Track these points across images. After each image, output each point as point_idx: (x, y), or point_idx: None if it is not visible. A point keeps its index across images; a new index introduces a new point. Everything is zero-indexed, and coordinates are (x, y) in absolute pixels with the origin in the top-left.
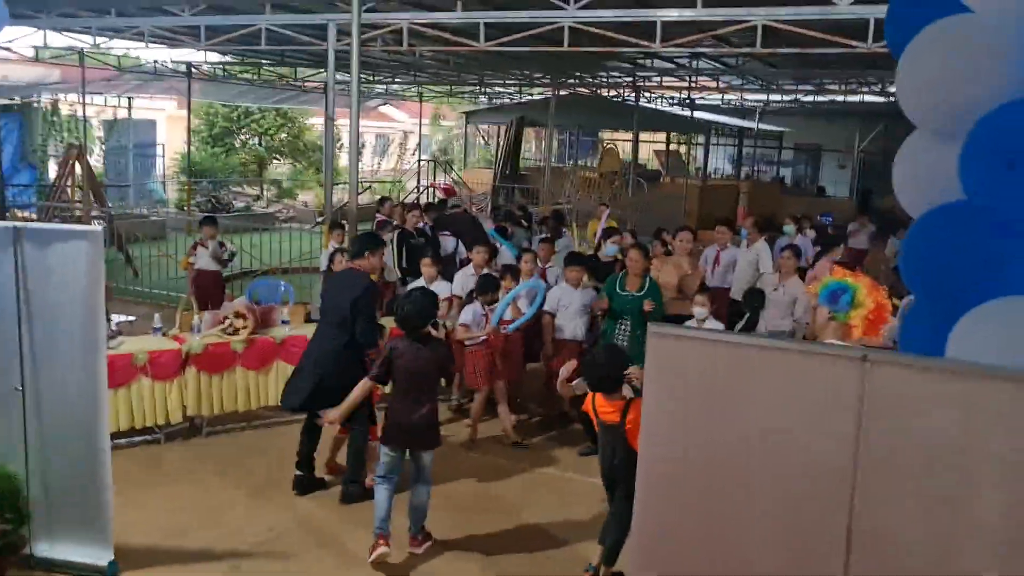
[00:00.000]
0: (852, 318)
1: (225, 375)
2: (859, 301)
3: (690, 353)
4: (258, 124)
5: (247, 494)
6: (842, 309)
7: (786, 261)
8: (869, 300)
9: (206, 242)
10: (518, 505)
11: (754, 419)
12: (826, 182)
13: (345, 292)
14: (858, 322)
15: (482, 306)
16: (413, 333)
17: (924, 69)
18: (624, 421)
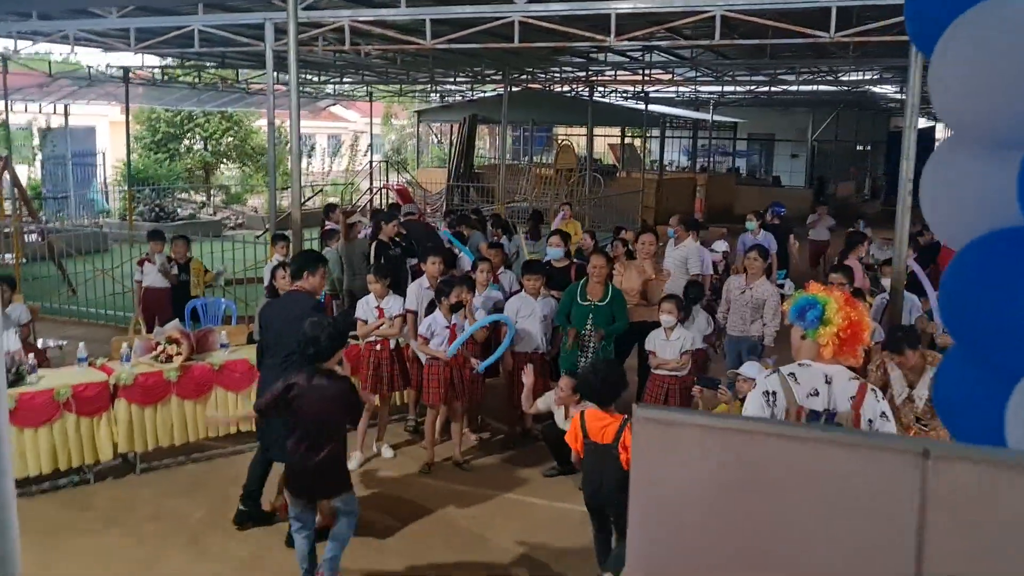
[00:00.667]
0: (820, 336)
1: (159, 407)
2: (828, 318)
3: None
4: (203, 128)
5: (184, 541)
6: (810, 326)
7: (752, 262)
8: (839, 317)
9: (152, 257)
10: (478, 535)
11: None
12: (780, 172)
13: (291, 321)
14: (827, 340)
15: (444, 316)
16: (317, 366)
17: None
18: (618, 442)
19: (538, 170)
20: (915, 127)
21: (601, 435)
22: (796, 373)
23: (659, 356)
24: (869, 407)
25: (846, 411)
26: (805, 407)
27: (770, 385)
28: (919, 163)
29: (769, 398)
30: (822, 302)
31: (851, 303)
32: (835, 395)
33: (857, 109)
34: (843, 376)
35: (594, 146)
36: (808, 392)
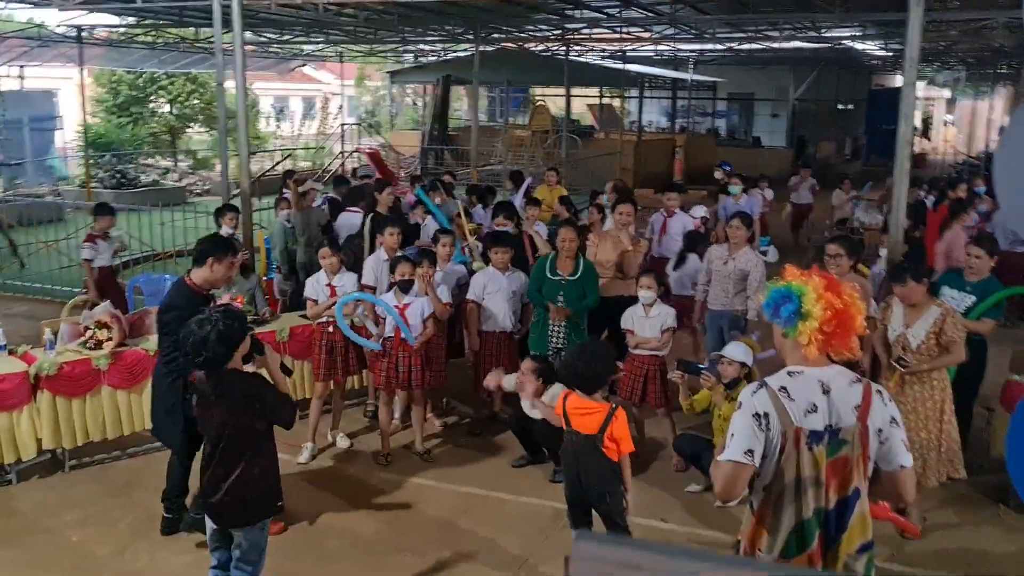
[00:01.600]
0: (800, 334)
1: (88, 398)
2: (806, 311)
3: None
4: (167, 91)
5: (114, 549)
6: (787, 324)
7: (735, 231)
8: (819, 308)
9: (106, 234)
10: (438, 540)
11: None
12: (760, 132)
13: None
14: (808, 338)
15: (395, 295)
16: (214, 369)
17: None
18: (603, 434)
19: (513, 132)
20: (914, 83)
21: (584, 425)
22: (788, 387)
23: (637, 335)
24: (877, 414)
25: (851, 425)
26: (804, 428)
27: (759, 405)
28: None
29: (761, 421)
30: (797, 292)
31: (834, 288)
32: (836, 406)
33: (838, 67)
34: (843, 380)
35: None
36: (805, 409)
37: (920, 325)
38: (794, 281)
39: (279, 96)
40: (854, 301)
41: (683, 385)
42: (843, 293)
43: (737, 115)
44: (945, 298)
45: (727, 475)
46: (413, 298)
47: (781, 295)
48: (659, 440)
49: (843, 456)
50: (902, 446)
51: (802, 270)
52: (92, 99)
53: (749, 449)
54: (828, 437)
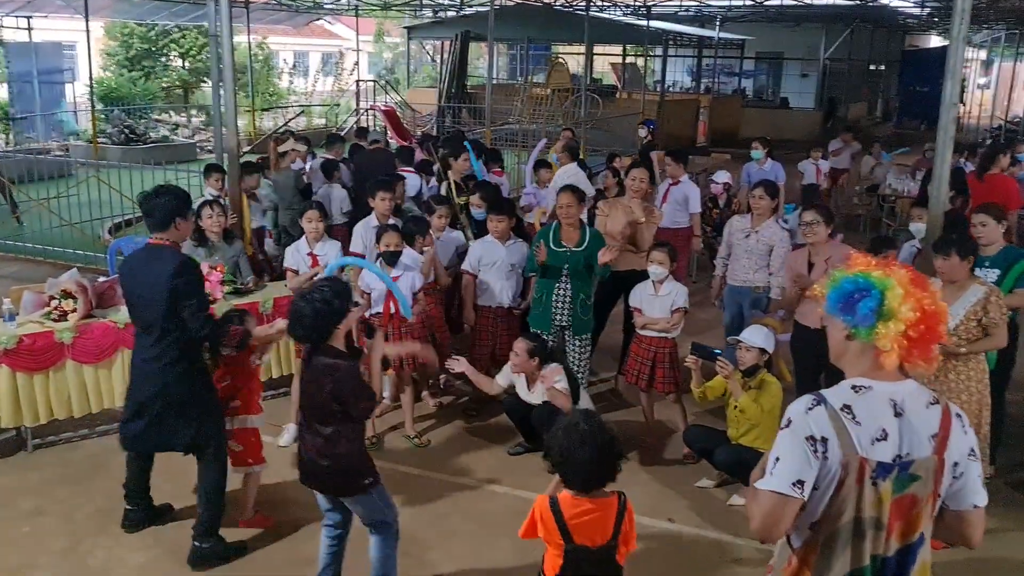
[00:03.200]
0: (880, 338)
1: (51, 373)
2: (889, 309)
3: None
4: (178, 44)
5: (67, 543)
6: (863, 323)
7: (759, 201)
8: (906, 307)
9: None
10: (422, 540)
11: None
12: (789, 93)
13: (154, 282)
14: (891, 343)
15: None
16: (314, 343)
17: None
18: (617, 538)
19: (533, 90)
20: (962, 37)
21: (592, 535)
22: (853, 406)
23: (646, 314)
24: (956, 446)
25: (926, 457)
26: (871, 459)
27: (816, 427)
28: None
29: (816, 447)
30: (879, 286)
31: (920, 283)
32: (910, 433)
33: (871, 26)
34: (919, 400)
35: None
36: (874, 436)
37: (960, 304)
38: (873, 272)
39: (298, 51)
40: (940, 306)
41: (696, 371)
42: (928, 289)
43: (765, 75)
44: None
45: (769, 510)
46: (401, 271)
47: (857, 286)
48: (668, 427)
49: (911, 495)
50: (978, 483)
51: (877, 258)
52: (103, 52)
53: (799, 480)
54: (898, 471)
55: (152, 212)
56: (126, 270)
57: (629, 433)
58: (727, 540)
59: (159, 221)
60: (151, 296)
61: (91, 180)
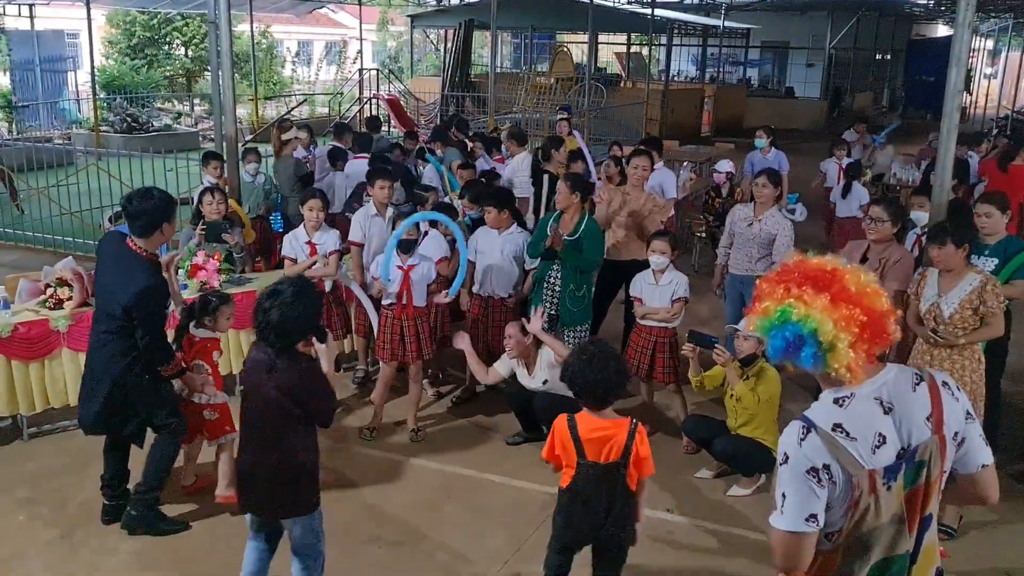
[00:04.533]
0: (836, 371)
1: (47, 362)
2: (829, 342)
3: None
4: (181, 33)
5: (55, 536)
6: (814, 366)
7: (761, 190)
8: (843, 333)
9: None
10: (417, 529)
11: None
12: (795, 82)
13: (118, 286)
14: (846, 370)
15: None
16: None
17: None
18: (628, 458)
19: (536, 79)
20: (968, 24)
21: (605, 451)
22: (844, 423)
23: (646, 304)
24: (951, 416)
25: (927, 439)
26: (878, 468)
27: (813, 458)
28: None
29: (820, 477)
30: (807, 329)
31: (842, 296)
32: (905, 423)
33: (878, 15)
34: (904, 385)
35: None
36: (873, 444)
37: (955, 293)
38: (792, 309)
39: (301, 40)
40: (867, 289)
41: (694, 359)
42: (851, 289)
43: (770, 64)
44: None
45: (788, 548)
46: (417, 260)
47: (786, 340)
48: (668, 418)
49: (922, 484)
50: (981, 442)
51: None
52: (106, 40)
53: (811, 514)
54: (904, 465)
55: (138, 217)
56: (101, 253)
57: None
58: (725, 531)
59: (144, 228)
60: (111, 296)
61: (92, 169)
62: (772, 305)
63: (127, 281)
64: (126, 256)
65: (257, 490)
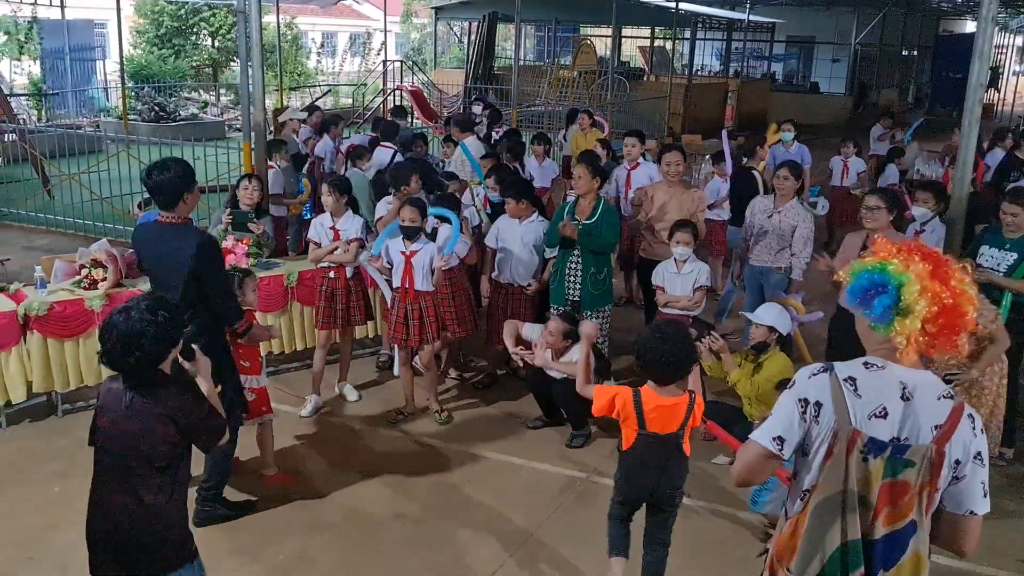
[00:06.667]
0: (896, 334)
1: (81, 340)
2: (906, 305)
3: None
4: (208, 23)
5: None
6: (880, 320)
7: (783, 181)
8: (924, 302)
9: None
10: (439, 508)
11: None
12: (820, 77)
13: (172, 258)
14: (907, 339)
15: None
16: (131, 375)
17: None
18: (685, 427)
19: (559, 72)
20: (992, 17)
21: (663, 423)
22: (858, 379)
23: (668, 292)
24: (960, 443)
25: (924, 445)
26: (863, 432)
27: (813, 391)
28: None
29: (807, 410)
30: (895, 281)
31: (942, 274)
32: (913, 419)
33: (904, 10)
34: (931, 391)
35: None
36: (873, 411)
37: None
38: (891, 264)
39: (326, 31)
40: (966, 290)
41: (702, 345)
42: (952, 279)
43: (795, 59)
44: (984, 257)
45: (748, 459)
46: (421, 245)
47: (873, 282)
48: None
49: (904, 481)
50: (980, 489)
51: (897, 245)
52: (134, 30)
53: (779, 436)
54: (891, 452)
55: (159, 189)
56: (140, 244)
57: None
58: (742, 516)
59: (168, 199)
60: (168, 274)
61: (121, 155)
62: (876, 258)
63: (180, 247)
64: (166, 231)
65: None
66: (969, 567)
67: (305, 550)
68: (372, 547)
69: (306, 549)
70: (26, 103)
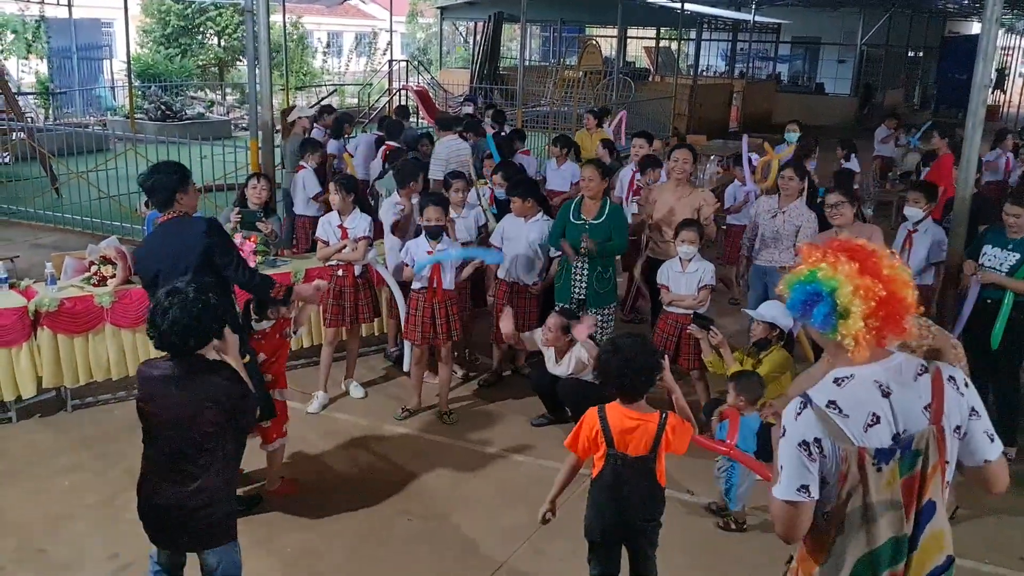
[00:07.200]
0: (844, 338)
1: (90, 336)
2: (844, 306)
3: None
4: (215, 22)
5: (99, 499)
6: (824, 328)
7: (788, 182)
8: (859, 301)
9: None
10: (444, 503)
11: None
12: (825, 78)
13: (181, 244)
14: (852, 340)
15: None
16: (180, 355)
17: None
18: (657, 450)
19: (565, 73)
20: (997, 18)
21: (633, 444)
22: (837, 400)
23: (672, 291)
24: (953, 409)
25: (924, 429)
26: (868, 447)
27: (806, 432)
28: (967, 70)
29: (811, 450)
30: (827, 288)
31: (870, 268)
32: (902, 410)
33: (911, 11)
34: (907, 373)
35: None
36: (865, 423)
37: None
38: (820, 270)
39: (332, 31)
40: (898, 275)
41: (703, 341)
42: (883, 270)
43: (801, 60)
44: (987, 256)
45: (784, 517)
46: (445, 245)
47: (807, 292)
48: (691, 403)
49: (918, 471)
50: (986, 439)
51: (821, 248)
52: (140, 29)
53: (803, 485)
54: (900, 451)
55: (154, 191)
56: (146, 252)
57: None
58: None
59: (163, 199)
60: (176, 264)
61: (128, 154)
62: (805, 267)
63: (187, 234)
64: (169, 226)
65: (181, 521)
66: (971, 565)
67: (313, 544)
68: (378, 541)
69: (313, 543)
70: (33, 102)
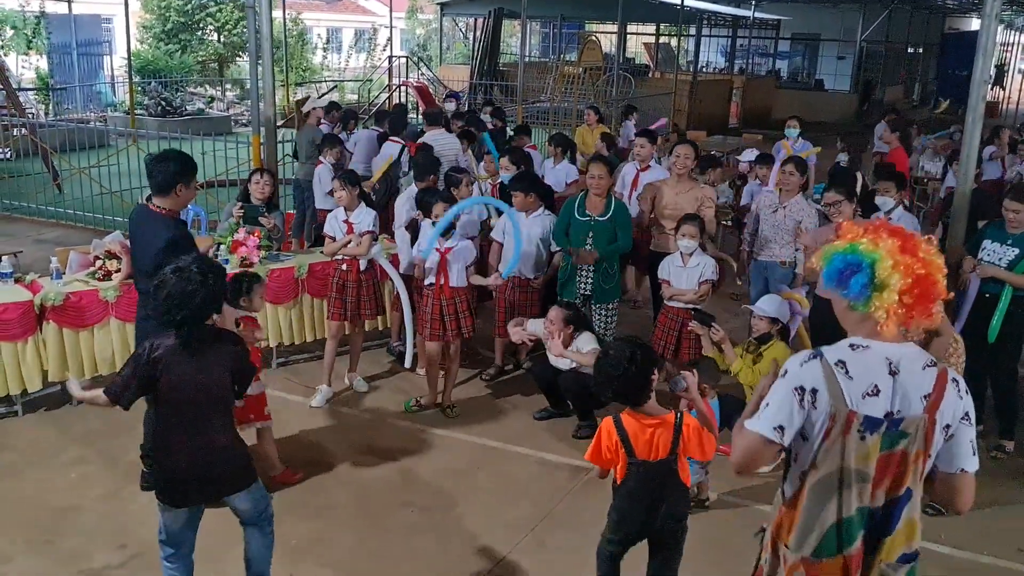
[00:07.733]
0: (876, 310)
1: (95, 330)
2: (881, 281)
3: None
4: (215, 18)
5: (105, 491)
6: (857, 298)
7: (788, 177)
8: (897, 276)
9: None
10: (447, 495)
11: None
12: (825, 75)
13: (147, 243)
14: (887, 313)
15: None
16: (188, 331)
17: None
18: (676, 452)
19: (565, 69)
20: (996, 14)
21: (652, 449)
22: (847, 361)
23: (673, 286)
24: (949, 408)
25: (917, 415)
26: (859, 412)
27: (808, 379)
28: (967, 67)
29: (804, 398)
30: (868, 259)
31: (910, 248)
32: (903, 392)
33: (910, 8)
34: (915, 362)
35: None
36: (865, 390)
37: None
38: (861, 243)
39: (331, 27)
40: (933, 260)
41: (704, 337)
42: (921, 251)
43: (801, 56)
44: (986, 251)
45: (748, 447)
46: (456, 241)
47: (847, 263)
48: None
49: (901, 451)
50: (970, 448)
51: (863, 225)
52: (140, 25)
53: (780, 425)
54: (887, 426)
55: (155, 175)
56: (131, 225)
57: None
58: (749, 506)
59: (161, 185)
60: (142, 257)
61: (129, 149)
62: (846, 242)
63: (153, 238)
64: (149, 217)
65: (210, 478)
66: (969, 556)
67: (317, 534)
68: (383, 532)
69: (318, 533)
70: (33, 98)
